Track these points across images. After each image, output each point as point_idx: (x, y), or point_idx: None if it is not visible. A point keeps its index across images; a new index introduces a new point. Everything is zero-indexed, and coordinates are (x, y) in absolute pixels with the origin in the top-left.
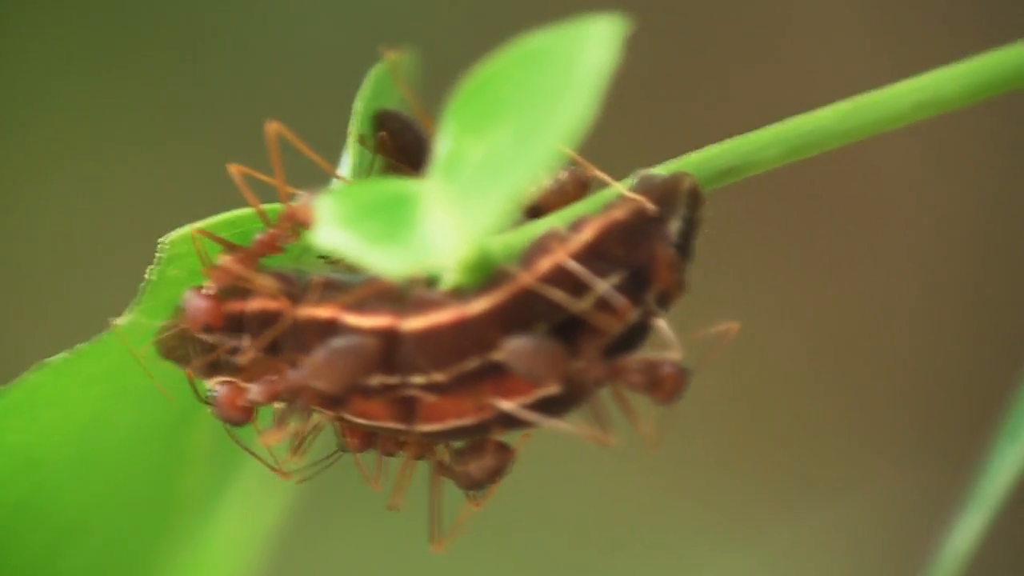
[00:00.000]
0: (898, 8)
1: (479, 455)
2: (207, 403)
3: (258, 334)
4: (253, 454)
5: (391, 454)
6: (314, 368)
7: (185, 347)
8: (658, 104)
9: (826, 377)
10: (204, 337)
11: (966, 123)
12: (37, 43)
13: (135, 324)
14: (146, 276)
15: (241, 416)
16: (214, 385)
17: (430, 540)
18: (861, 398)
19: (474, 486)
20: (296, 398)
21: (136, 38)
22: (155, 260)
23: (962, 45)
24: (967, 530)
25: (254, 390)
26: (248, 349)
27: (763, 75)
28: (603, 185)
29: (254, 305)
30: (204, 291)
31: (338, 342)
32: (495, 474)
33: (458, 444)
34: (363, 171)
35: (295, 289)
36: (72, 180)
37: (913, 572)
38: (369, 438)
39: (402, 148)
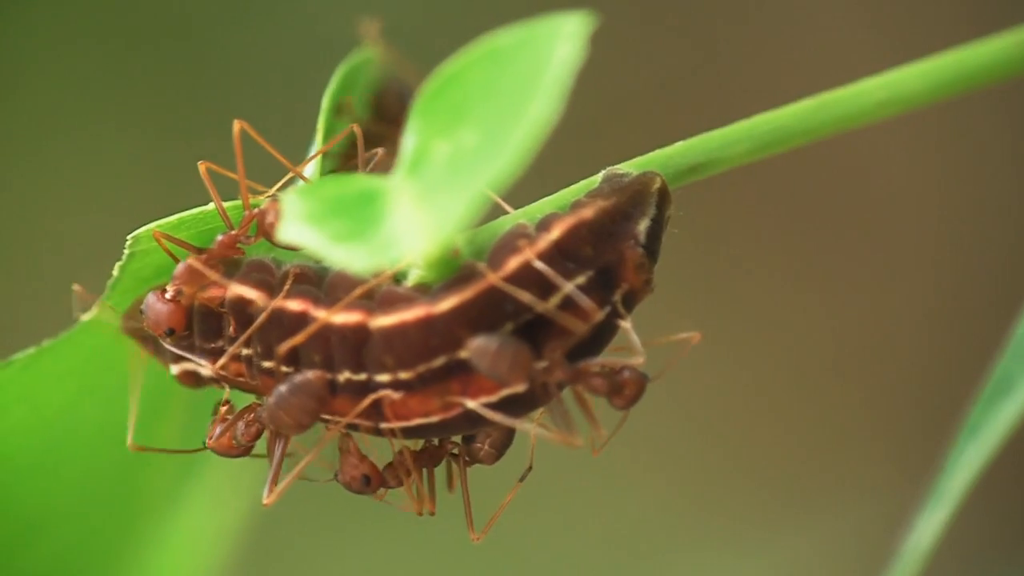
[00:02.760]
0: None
1: (483, 439)
2: (206, 448)
3: (234, 321)
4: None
5: (400, 483)
6: (270, 416)
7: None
8: (631, 100)
9: (840, 382)
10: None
11: (961, 115)
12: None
13: (104, 321)
14: (114, 272)
15: (239, 453)
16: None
17: (469, 530)
18: (875, 403)
19: (499, 456)
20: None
21: (132, 31)
22: (122, 256)
23: (958, 38)
24: (928, 526)
25: (240, 435)
26: (225, 340)
27: (746, 71)
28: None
29: (231, 293)
30: (165, 294)
31: (282, 387)
32: (506, 445)
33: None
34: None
35: (272, 278)
36: (41, 174)
37: None
38: (375, 478)
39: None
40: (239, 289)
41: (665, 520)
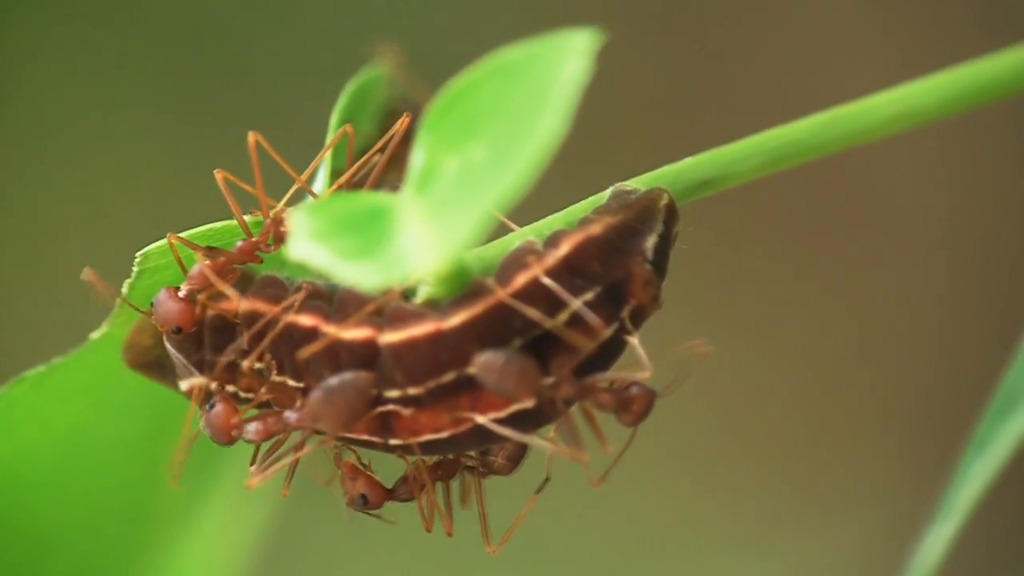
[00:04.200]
0: (900, 15)
1: (498, 449)
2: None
3: (248, 335)
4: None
5: (412, 497)
6: (314, 410)
7: (157, 351)
8: (638, 115)
9: (853, 386)
10: (176, 339)
11: (967, 126)
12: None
13: (114, 337)
14: (123, 290)
15: (228, 441)
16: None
17: (485, 543)
18: (887, 407)
19: (515, 467)
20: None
21: (146, 32)
22: (132, 273)
23: (969, 52)
24: (935, 540)
25: (250, 430)
26: (231, 352)
27: (753, 87)
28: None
29: (245, 306)
30: (178, 293)
31: (332, 381)
32: (522, 454)
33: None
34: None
35: (285, 294)
36: (57, 188)
37: None
38: (388, 492)
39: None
40: (253, 303)
41: (675, 522)
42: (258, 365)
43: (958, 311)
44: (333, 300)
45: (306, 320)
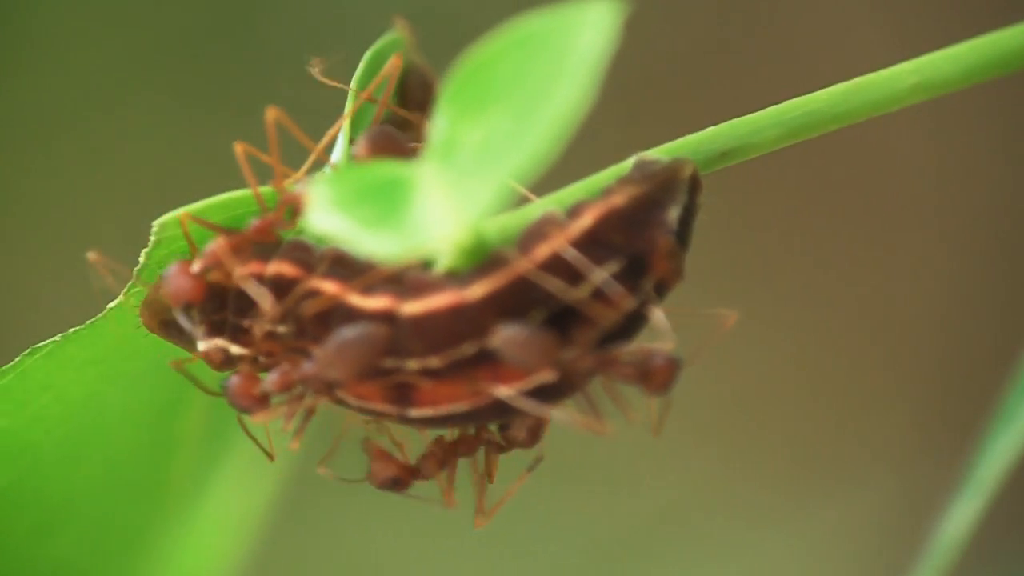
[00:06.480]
0: None
1: (519, 423)
2: (220, 393)
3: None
4: (251, 436)
5: (431, 476)
6: (326, 358)
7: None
8: (660, 86)
9: (869, 358)
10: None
11: (982, 104)
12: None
13: (130, 307)
14: (140, 259)
15: (255, 406)
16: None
17: (477, 514)
18: (902, 378)
19: (536, 441)
20: (309, 387)
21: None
22: (149, 243)
23: (977, 26)
24: (961, 516)
25: (268, 381)
26: (262, 318)
27: (770, 57)
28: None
29: (271, 270)
30: (190, 269)
31: (347, 331)
32: (543, 427)
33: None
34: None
35: (312, 259)
36: (74, 157)
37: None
38: (413, 471)
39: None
40: (279, 266)
41: (692, 495)
42: (281, 329)
43: (975, 282)
44: (355, 268)
45: (328, 287)
